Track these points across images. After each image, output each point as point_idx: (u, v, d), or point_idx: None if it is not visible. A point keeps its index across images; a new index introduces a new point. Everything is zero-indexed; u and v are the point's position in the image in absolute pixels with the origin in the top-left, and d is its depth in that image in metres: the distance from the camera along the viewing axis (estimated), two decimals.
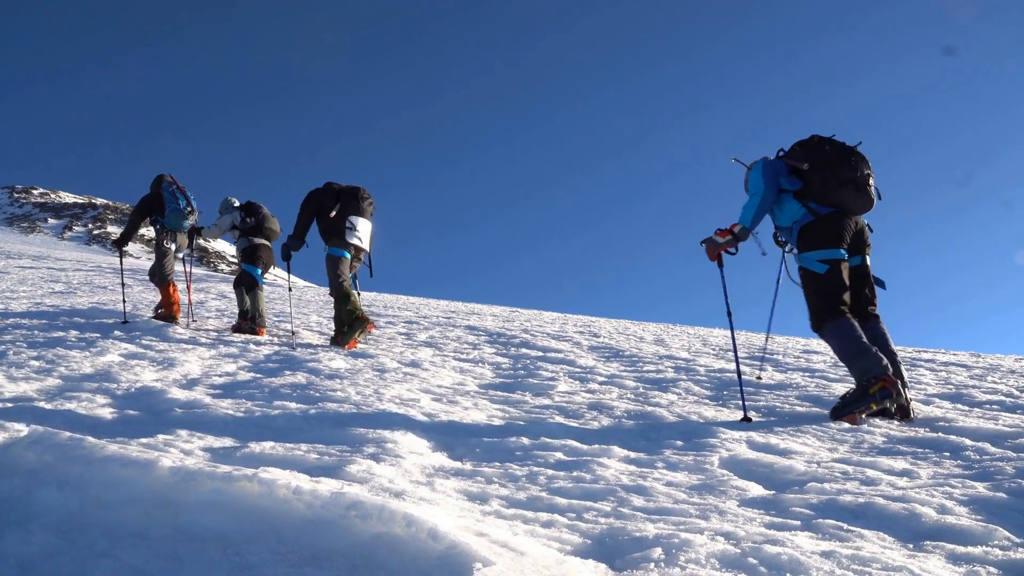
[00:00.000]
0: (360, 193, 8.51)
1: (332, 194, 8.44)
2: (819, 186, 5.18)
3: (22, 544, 2.55)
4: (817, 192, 5.20)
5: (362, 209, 8.45)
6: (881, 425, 4.73)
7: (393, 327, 10.73)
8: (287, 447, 3.81)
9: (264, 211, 10.09)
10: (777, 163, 5.35)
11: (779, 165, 5.33)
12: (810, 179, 5.21)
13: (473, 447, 4.12)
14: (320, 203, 8.41)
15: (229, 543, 2.56)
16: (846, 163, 5.15)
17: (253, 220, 9.93)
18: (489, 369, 7.08)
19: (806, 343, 11.01)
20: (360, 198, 8.47)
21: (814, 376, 6.94)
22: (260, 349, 7.67)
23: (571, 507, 3.11)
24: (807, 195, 5.24)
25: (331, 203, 8.39)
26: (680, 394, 5.90)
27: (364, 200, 8.51)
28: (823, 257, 5.15)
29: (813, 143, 5.32)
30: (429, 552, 2.32)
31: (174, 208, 9.70)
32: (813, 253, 5.18)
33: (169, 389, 5.34)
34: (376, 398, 5.20)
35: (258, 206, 10.10)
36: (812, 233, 5.21)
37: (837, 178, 5.13)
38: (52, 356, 6.73)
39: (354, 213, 8.36)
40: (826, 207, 5.21)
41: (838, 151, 5.21)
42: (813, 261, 5.17)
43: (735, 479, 3.58)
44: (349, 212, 8.34)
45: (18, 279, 18.76)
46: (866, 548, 2.66)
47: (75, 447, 3.18)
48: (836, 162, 5.16)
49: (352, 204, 8.39)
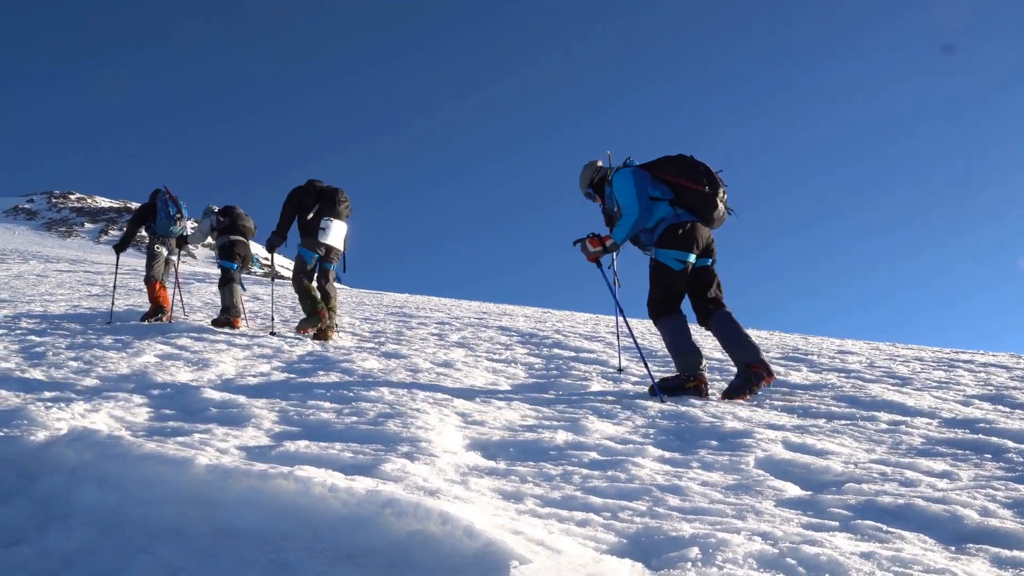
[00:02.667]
0: (338, 196, 9.07)
1: (313, 194, 9.05)
2: (699, 200, 5.87)
3: (64, 539, 2.59)
4: (694, 204, 5.88)
5: (338, 212, 9.03)
6: (919, 426, 4.67)
7: (425, 328, 10.75)
8: (321, 446, 3.82)
9: (237, 211, 10.82)
10: (644, 175, 5.97)
11: (646, 177, 5.96)
12: (685, 194, 5.90)
13: (507, 446, 4.11)
14: (301, 201, 9.02)
15: (265, 540, 2.58)
16: (717, 185, 5.93)
17: (227, 220, 10.67)
18: (522, 369, 7.08)
19: (840, 344, 10.90)
20: (337, 200, 9.04)
21: (849, 377, 6.86)
22: (293, 350, 7.72)
23: (606, 506, 3.09)
24: (681, 204, 5.91)
25: (311, 202, 9.01)
26: (714, 394, 5.85)
27: (341, 203, 9.08)
28: (680, 257, 5.80)
29: (686, 163, 5.98)
30: (465, 550, 2.32)
31: (164, 215, 10.74)
32: (672, 252, 5.80)
33: (204, 389, 5.39)
34: (409, 398, 5.21)
35: (232, 207, 10.83)
36: (674, 234, 5.82)
37: (704, 200, 5.85)
38: (90, 357, 6.82)
39: (329, 215, 8.94)
40: (690, 216, 5.88)
41: (706, 174, 5.92)
42: (671, 258, 5.80)
43: (771, 479, 3.54)
44: (325, 213, 8.94)
45: (56, 282, 19.04)
46: (907, 550, 2.62)
47: (113, 445, 3.21)
48: (713, 184, 5.90)
49: (329, 206, 8.98)
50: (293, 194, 9.08)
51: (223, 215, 10.69)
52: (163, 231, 10.82)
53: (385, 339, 9.23)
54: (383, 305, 16.13)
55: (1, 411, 4.33)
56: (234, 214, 10.73)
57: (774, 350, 9.26)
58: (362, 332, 9.98)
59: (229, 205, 10.86)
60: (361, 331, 10.10)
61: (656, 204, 5.89)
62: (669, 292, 5.82)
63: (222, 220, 10.65)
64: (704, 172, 5.92)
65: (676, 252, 5.79)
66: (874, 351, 9.52)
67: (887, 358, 8.57)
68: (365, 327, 10.67)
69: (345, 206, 9.13)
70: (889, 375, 7.00)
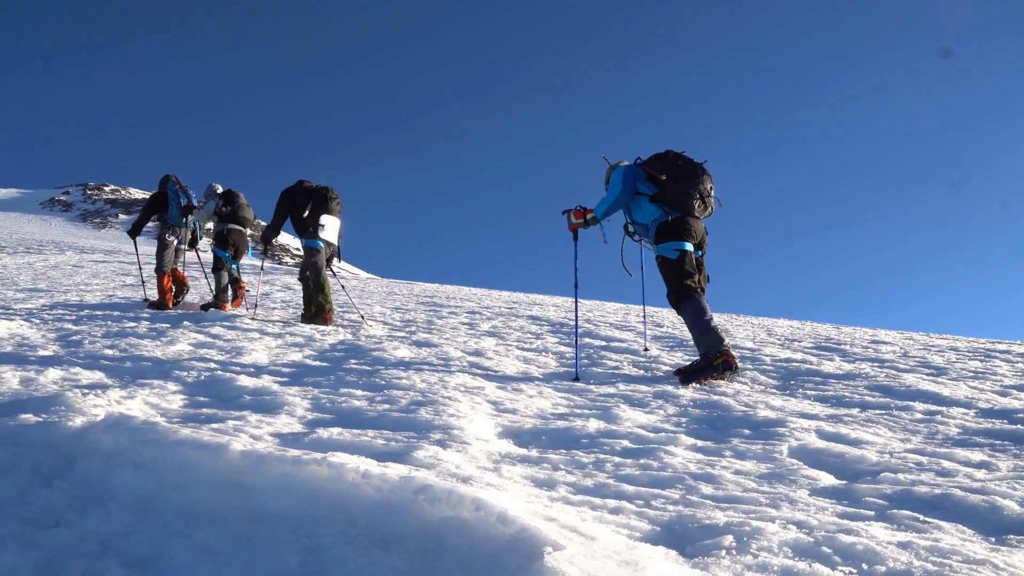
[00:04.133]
0: (329, 194, 9.53)
1: (304, 193, 9.49)
2: (671, 194, 6.18)
3: (102, 522, 2.62)
4: (670, 199, 6.19)
5: (331, 208, 9.50)
6: (956, 416, 4.62)
7: (456, 317, 10.77)
8: (354, 433, 3.84)
9: (240, 200, 11.10)
10: (636, 169, 6.33)
11: (638, 171, 6.32)
12: (665, 187, 6.20)
13: (539, 434, 4.11)
14: (294, 200, 9.48)
15: (299, 525, 2.59)
16: (695, 177, 6.20)
17: (229, 208, 10.99)
18: (553, 358, 7.07)
19: (873, 333, 10.78)
20: (329, 198, 9.50)
21: (883, 366, 6.79)
22: (325, 339, 7.76)
23: (639, 494, 3.09)
24: (662, 199, 6.21)
25: (304, 201, 9.46)
26: (746, 383, 5.82)
27: (332, 200, 9.55)
28: (676, 247, 6.11)
29: (668, 158, 6.29)
30: (498, 536, 2.32)
31: (176, 206, 10.93)
32: (667, 244, 6.13)
33: (237, 377, 5.42)
34: (441, 386, 5.22)
35: (235, 195, 11.09)
36: (666, 230, 6.16)
37: (687, 190, 6.16)
38: (125, 345, 6.90)
39: (324, 212, 9.41)
40: (676, 212, 6.18)
41: (689, 166, 6.23)
42: (668, 249, 6.12)
43: (805, 468, 3.52)
44: (320, 211, 9.41)
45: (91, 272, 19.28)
46: (944, 540, 2.59)
47: (149, 431, 3.25)
48: (687, 176, 6.19)
49: (322, 204, 9.44)
50: (287, 194, 9.54)
51: (226, 202, 11.00)
52: (174, 220, 11.00)
53: (416, 328, 9.25)
54: (413, 295, 16.18)
55: (39, 397, 4.39)
56: (236, 203, 11.04)
57: (806, 339, 9.18)
58: (393, 321, 10.01)
59: (232, 191, 11.13)
60: (392, 320, 10.14)
61: (641, 201, 6.29)
62: (680, 277, 6.06)
63: (224, 209, 10.98)
64: (678, 163, 6.24)
65: (672, 243, 6.12)
66: (908, 341, 9.41)
67: (921, 348, 8.46)
68: (396, 316, 10.70)
69: (336, 203, 9.63)
70: (924, 365, 6.92)
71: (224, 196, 11.03)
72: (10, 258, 25.08)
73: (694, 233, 6.19)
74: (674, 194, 6.16)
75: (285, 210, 9.53)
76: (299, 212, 9.45)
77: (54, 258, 26.03)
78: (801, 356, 7.39)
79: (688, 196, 6.16)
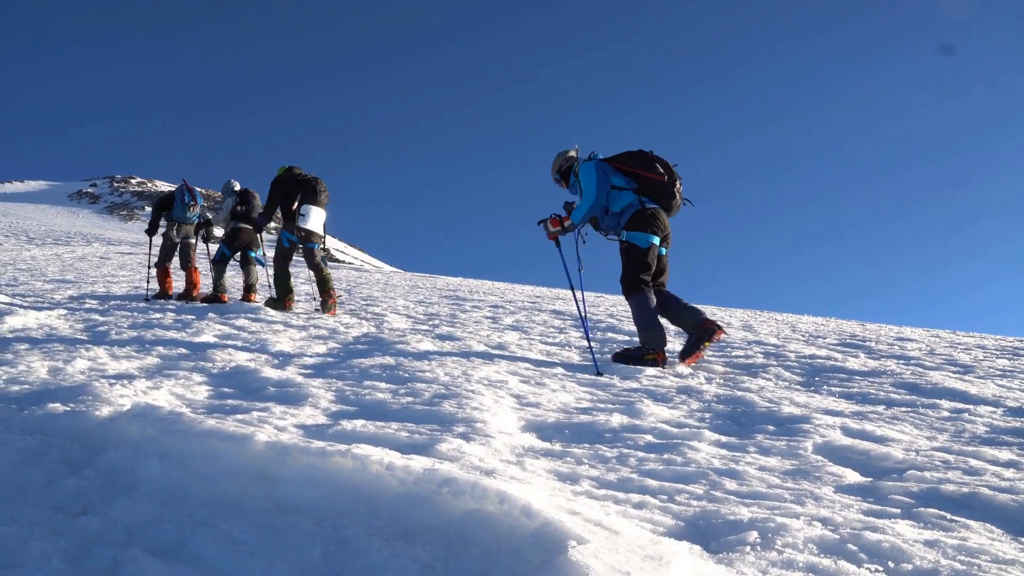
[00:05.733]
0: (318, 186, 9.94)
1: (295, 183, 9.93)
2: (658, 188, 6.57)
3: (129, 511, 2.64)
4: (656, 193, 6.59)
5: (318, 200, 9.91)
6: (983, 415, 4.57)
7: (479, 311, 10.78)
8: (378, 425, 3.85)
9: (256, 202, 11.57)
10: (605, 165, 6.64)
11: (607, 167, 6.64)
12: (648, 184, 6.58)
13: (562, 428, 4.11)
14: (286, 190, 9.92)
15: (323, 516, 2.60)
16: (674, 177, 6.62)
17: (243, 208, 11.50)
18: (576, 353, 7.06)
19: (899, 331, 10.69)
20: (318, 191, 9.92)
21: (909, 363, 6.73)
22: (349, 331, 7.79)
23: (662, 489, 3.08)
24: (645, 193, 6.59)
25: (294, 191, 9.91)
26: (770, 380, 5.78)
27: (321, 192, 9.96)
28: (647, 239, 6.46)
29: (645, 157, 6.64)
30: (522, 529, 2.32)
31: (180, 204, 11.73)
32: (639, 233, 6.47)
33: (262, 368, 5.46)
34: (464, 379, 5.22)
35: (252, 196, 11.59)
36: (642, 219, 6.50)
37: (664, 188, 6.57)
38: (151, 336, 6.96)
39: (309, 202, 9.81)
40: (653, 204, 6.58)
41: (664, 167, 6.60)
42: (639, 238, 6.46)
43: (830, 465, 3.49)
44: (306, 202, 9.81)
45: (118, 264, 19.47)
46: (972, 539, 2.56)
47: (175, 421, 3.27)
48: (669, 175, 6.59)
49: (310, 195, 9.85)
50: (279, 182, 9.96)
51: (242, 201, 11.50)
52: (179, 217, 11.81)
53: (439, 322, 9.27)
54: (437, 288, 16.22)
55: (67, 387, 4.43)
56: (251, 204, 11.53)
57: (831, 336, 9.12)
58: (416, 315, 10.04)
59: (249, 191, 11.59)
60: (415, 314, 10.16)
61: (620, 192, 6.61)
62: (639, 268, 6.44)
63: (239, 208, 11.48)
64: (662, 165, 6.62)
65: (644, 234, 6.47)
66: (934, 339, 9.33)
67: (948, 345, 8.39)
68: (419, 310, 10.73)
69: (325, 195, 10.03)
70: (950, 362, 6.85)
71: (241, 195, 11.52)
72: (39, 249, 25.36)
73: (663, 227, 6.58)
74: (662, 190, 6.57)
75: (278, 199, 9.95)
76: (288, 202, 9.90)
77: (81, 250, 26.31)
78: (826, 353, 7.35)
79: (664, 195, 6.59)
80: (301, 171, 10.11)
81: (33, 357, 5.53)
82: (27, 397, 4.22)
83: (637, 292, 6.41)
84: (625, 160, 6.68)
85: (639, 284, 6.42)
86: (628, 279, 6.48)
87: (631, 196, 6.56)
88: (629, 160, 6.66)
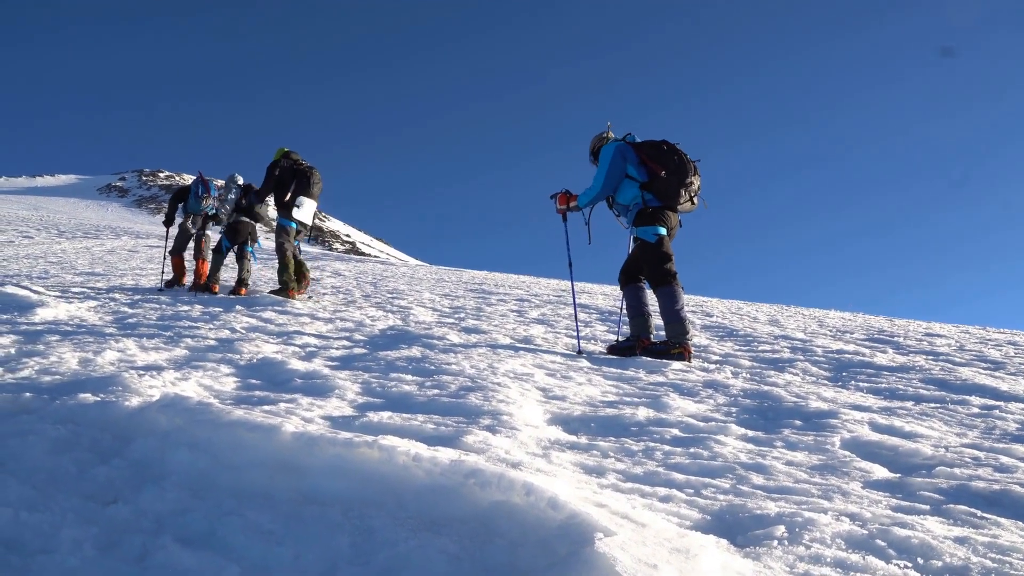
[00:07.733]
0: (313, 177, 10.03)
1: (290, 172, 10.07)
2: (664, 186, 6.54)
3: (158, 500, 2.67)
4: (659, 190, 6.55)
5: (312, 192, 10.04)
6: (1014, 411, 4.52)
7: (504, 304, 10.79)
8: (404, 417, 3.87)
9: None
10: (628, 150, 6.68)
11: (629, 153, 6.67)
12: (659, 180, 6.53)
13: (588, 421, 4.10)
14: (282, 177, 10.08)
15: (350, 507, 2.62)
16: (687, 176, 6.56)
17: (246, 202, 11.72)
18: (602, 346, 7.05)
19: (928, 326, 10.59)
20: (312, 182, 10.03)
21: (938, 360, 6.67)
22: (375, 324, 7.82)
23: (689, 483, 3.07)
24: (650, 189, 6.57)
25: (288, 179, 10.05)
26: (798, 374, 5.75)
27: (315, 184, 10.07)
28: (654, 231, 6.54)
29: (664, 150, 6.60)
30: (549, 521, 2.32)
31: (193, 196, 12.32)
32: (647, 228, 6.57)
33: (289, 360, 5.49)
34: (490, 372, 5.23)
35: (253, 190, 11.65)
36: (645, 216, 6.59)
37: (678, 186, 6.54)
38: (179, 328, 7.02)
39: (303, 194, 9.97)
40: (658, 202, 6.58)
41: (683, 164, 6.56)
42: (648, 233, 6.56)
43: (858, 460, 3.46)
44: (300, 192, 9.98)
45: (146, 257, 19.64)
46: (1004, 536, 2.53)
47: (203, 411, 3.30)
48: (681, 173, 6.54)
49: (304, 186, 9.99)
50: (274, 167, 10.12)
51: (245, 195, 11.72)
52: (193, 209, 12.39)
53: (465, 315, 9.28)
54: (462, 282, 16.24)
55: (97, 378, 4.48)
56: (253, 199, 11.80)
57: (858, 331, 9.05)
58: (442, 308, 10.06)
59: (251, 185, 11.75)
60: (441, 307, 10.18)
61: (630, 184, 6.66)
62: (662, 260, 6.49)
63: (242, 202, 11.73)
64: (679, 159, 6.56)
65: (650, 227, 6.56)
66: (964, 334, 9.23)
67: (978, 341, 8.30)
68: (445, 303, 10.75)
69: (318, 187, 10.14)
70: (980, 359, 6.78)
71: (244, 189, 11.76)
72: (69, 243, 25.64)
73: (670, 222, 6.63)
74: (666, 187, 6.55)
75: (272, 184, 10.16)
76: (282, 190, 10.08)
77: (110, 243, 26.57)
78: (853, 348, 7.29)
79: (678, 193, 6.57)
80: (298, 158, 10.27)
81: (64, 348, 5.60)
82: (58, 387, 4.26)
83: (665, 285, 6.45)
84: (646, 149, 6.69)
85: (667, 277, 6.46)
86: (650, 274, 6.56)
87: (635, 191, 6.62)
88: (649, 150, 6.67)
